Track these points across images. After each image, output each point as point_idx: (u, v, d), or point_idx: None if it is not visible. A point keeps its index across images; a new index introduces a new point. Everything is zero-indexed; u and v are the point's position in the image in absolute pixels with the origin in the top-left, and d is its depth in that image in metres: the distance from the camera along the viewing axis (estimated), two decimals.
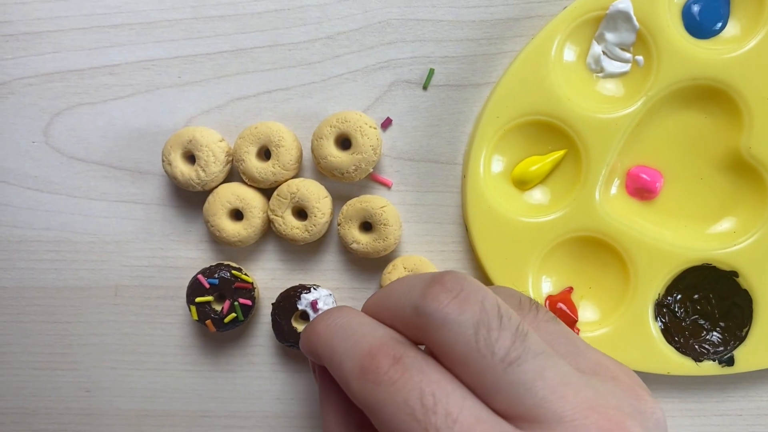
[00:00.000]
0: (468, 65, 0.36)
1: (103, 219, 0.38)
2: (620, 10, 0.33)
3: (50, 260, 0.38)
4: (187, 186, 0.36)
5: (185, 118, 0.37)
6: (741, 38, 0.34)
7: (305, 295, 0.35)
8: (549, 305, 0.36)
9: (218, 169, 0.35)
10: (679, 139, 0.35)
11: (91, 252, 0.38)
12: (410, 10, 0.36)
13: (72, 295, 0.38)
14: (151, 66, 0.37)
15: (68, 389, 0.38)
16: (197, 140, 0.35)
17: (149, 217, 0.38)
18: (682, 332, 0.36)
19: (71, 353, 0.38)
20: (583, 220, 0.35)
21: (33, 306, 0.38)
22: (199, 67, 0.37)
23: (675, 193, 0.36)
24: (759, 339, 0.35)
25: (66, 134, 0.37)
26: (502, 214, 0.35)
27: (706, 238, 0.35)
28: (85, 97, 0.37)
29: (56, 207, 0.38)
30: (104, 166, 0.38)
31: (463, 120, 0.36)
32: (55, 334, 0.38)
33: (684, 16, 0.34)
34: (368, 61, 0.36)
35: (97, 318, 0.38)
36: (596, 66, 0.35)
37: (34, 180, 0.38)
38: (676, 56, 0.33)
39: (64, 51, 0.37)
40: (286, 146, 0.35)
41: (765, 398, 0.37)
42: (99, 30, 0.37)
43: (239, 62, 0.37)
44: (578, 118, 0.34)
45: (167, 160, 0.35)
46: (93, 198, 0.38)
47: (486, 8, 0.36)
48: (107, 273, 0.38)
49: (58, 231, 0.38)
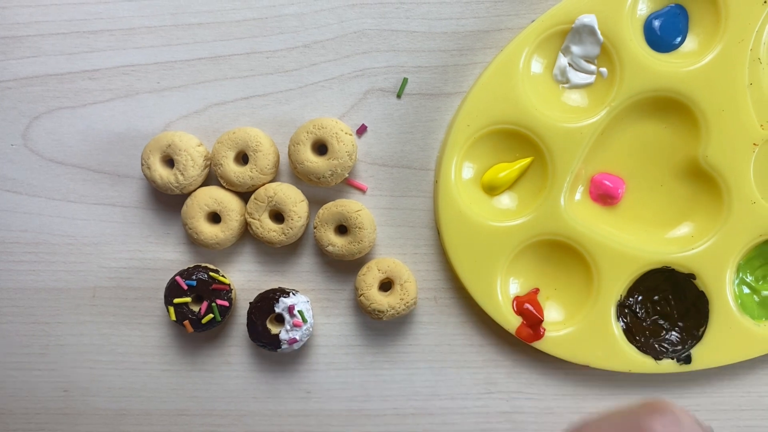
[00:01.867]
0: (440, 75, 0.37)
1: (81, 221, 0.38)
2: (585, 24, 0.35)
3: (28, 262, 0.38)
4: (166, 189, 0.36)
5: (164, 122, 0.38)
6: (698, 53, 0.35)
7: (284, 299, 0.36)
8: (516, 306, 0.37)
9: (196, 173, 0.36)
10: (641, 148, 0.37)
11: (70, 254, 0.38)
12: (385, 21, 0.37)
13: (50, 297, 0.38)
14: (130, 71, 0.38)
15: (46, 389, 0.39)
16: (176, 144, 0.36)
17: (127, 219, 0.38)
18: (643, 332, 0.37)
19: (49, 354, 0.39)
20: (548, 224, 0.36)
21: (10, 307, 0.39)
22: (178, 73, 0.37)
23: (636, 199, 0.37)
24: (714, 338, 0.36)
25: (45, 137, 0.38)
26: (472, 218, 0.36)
27: (666, 242, 0.37)
28: (65, 101, 0.38)
29: (35, 209, 0.38)
30: (83, 169, 0.38)
31: (435, 127, 0.38)
32: (32, 334, 0.39)
33: (645, 31, 0.36)
34: (344, 69, 0.37)
35: (75, 319, 0.38)
36: (562, 77, 0.36)
37: (12, 182, 0.38)
38: (638, 69, 0.35)
39: (43, 55, 0.38)
40: (263, 151, 0.36)
41: (720, 394, 0.39)
42: (79, 35, 0.37)
43: (218, 69, 0.37)
44: (545, 127, 0.35)
45: (146, 164, 0.36)
46: (71, 200, 0.38)
47: (457, 20, 0.37)
48: (85, 275, 0.38)
49: (36, 233, 0.38)
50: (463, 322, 0.38)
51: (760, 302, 0.37)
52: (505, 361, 0.38)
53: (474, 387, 0.38)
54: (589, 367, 0.37)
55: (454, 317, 0.38)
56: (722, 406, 0.39)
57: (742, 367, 0.38)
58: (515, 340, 0.38)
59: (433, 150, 0.38)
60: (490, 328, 0.38)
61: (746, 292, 0.37)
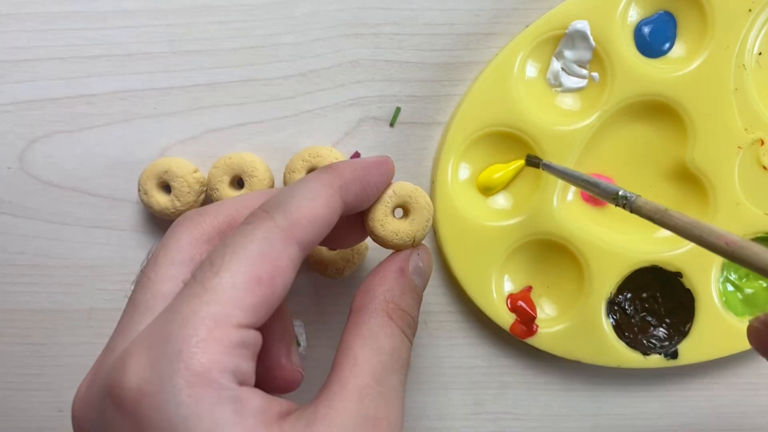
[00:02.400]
0: (432, 104, 0.38)
1: (78, 244, 0.39)
2: (578, 29, 0.36)
3: (24, 283, 0.39)
4: (163, 215, 0.37)
5: (160, 147, 0.38)
6: (686, 59, 0.37)
7: None
8: (510, 303, 0.38)
9: (193, 199, 0.37)
10: (631, 151, 0.38)
11: (66, 276, 0.39)
12: (379, 52, 0.38)
13: (46, 318, 0.39)
14: (127, 96, 0.38)
15: (41, 409, 0.39)
16: (173, 171, 0.36)
17: (124, 243, 0.39)
18: (632, 328, 0.38)
19: (44, 374, 0.39)
20: (542, 224, 0.37)
21: (6, 328, 0.39)
22: (175, 99, 0.38)
23: None
24: (700, 334, 0.38)
25: (42, 161, 0.38)
26: (467, 218, 0.37)
27: (654, 241, 0.38)
28: (62, 125, 0.38)
29: (31, 232, 0.39)
30: (80, 192, 0.39)
31: (427, 156, 0.39)
32: (28, 355, 0.39)
33: (636, 37, 0.37)
34: (338, 98, 0.38)
35: (70, 340, 0.39)
36: (555, 81, 0.37)
37: (8, 205, 0.39)
38: (629, 74, 0.36)
39: (41, 80, 0.38)
40: (258, 177, 0.37)
41: (705, 388, 0.40)
42: (77, 60, 0.38)
43: (214, 95, 0.38)
44: (538, 129, 0.36)
45: (143, 190, 0.37)
46: (68, 223, 0.39)
47: (450, 52, 0.38)
48: (81, 296, 0.39)
49: (32, 255, 0.39)
50: (452, 345, 0.39)
51: (744, 300, 0.39)
52: (493, 383, 0.39)
53: (462, 408, 0.39)
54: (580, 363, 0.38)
55: (444, 340, 0.39)
56: (707, 400, 0.40)
57: (727, 361, 0.39)
58: (504, 361, 0.39)
59: (425, 178, 0.39)
60: (479, 350, 0.39)
61: (730, 289, 0.39)
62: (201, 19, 0.37)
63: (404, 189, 0.30)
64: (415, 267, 0.30)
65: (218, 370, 0.21)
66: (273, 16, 0.37)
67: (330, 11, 0.37)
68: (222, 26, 0.37)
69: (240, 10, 0.37)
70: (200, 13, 0.37)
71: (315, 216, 0.25)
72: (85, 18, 0.37)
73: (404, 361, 0.27)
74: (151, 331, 0.23)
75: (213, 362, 0.21)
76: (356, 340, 0.27)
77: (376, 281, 0.29)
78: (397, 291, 0.29)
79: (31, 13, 0.37)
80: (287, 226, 0.24)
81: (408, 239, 0.31)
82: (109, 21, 0.37)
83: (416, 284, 0.30)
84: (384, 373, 0.26)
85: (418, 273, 0.30)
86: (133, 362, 0.22)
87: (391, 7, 0.37)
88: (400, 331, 0.28)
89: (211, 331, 0.21)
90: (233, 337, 0.22)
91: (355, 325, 0.27)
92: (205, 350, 0.21)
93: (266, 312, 0.23)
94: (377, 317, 0.27)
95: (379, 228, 0.30)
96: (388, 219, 0.30)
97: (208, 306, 0.22)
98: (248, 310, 0.22)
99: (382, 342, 0.27)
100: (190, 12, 0.37)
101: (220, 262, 0.23)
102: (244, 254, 0.23)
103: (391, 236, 0.30)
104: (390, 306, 0.28)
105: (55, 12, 0.37)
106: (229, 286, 0.22)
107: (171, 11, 0.37)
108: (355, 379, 0.25)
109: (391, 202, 0.30)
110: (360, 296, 0.29)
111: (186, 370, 0.21)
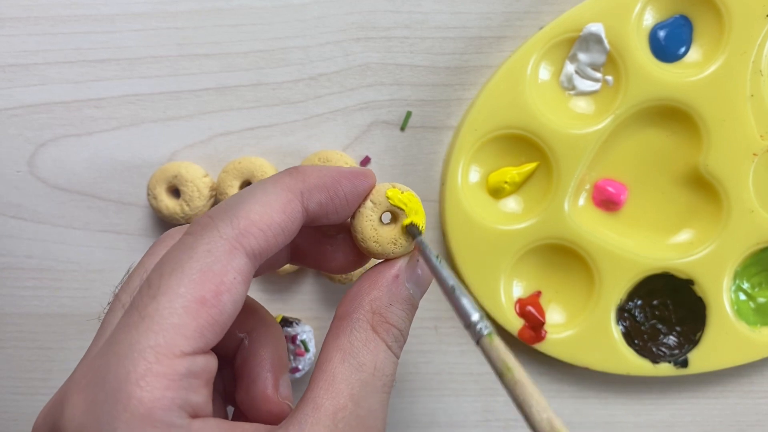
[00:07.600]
0: (443, 108, 0.38)
1: (86, 248, 0.39)
2: (593, 32, 0.35)
3: (32, 287, 0.39)
4: (172, 219, 0.37)
5: (169, 151, 0.38)
6: (702, 63, 0.36)
7: (287, 328, 0.36)
8: (519, 308, 0.38)
9: (202, 204, 0.37)
10: (644, 155, 0.37)
11: (74, 280, 0.39)
12: (389, 55, 0.37)
13: (54, 322, 0.39)
14: (136, 100, 0.38)
15: None
16: (182, 176, 0.36)
17: (132, 247, 0.39)
18: (642, 335, 0.38)
19: (52, 378, 0.39)
20: (552, 228, 0.37)
21: (14, 332, 0.39)
22: (184, 103, 0.38)
23: (638, 205, 0.38)
24: (711, 343, 0.37)
25: (51, 165, 0.38)
26: (477, 221, 0.37)
27: (666, 248, 0.38)
28: (71, 129, 0.38)
29: (39, 236, 0.38)
30: (88, 196, 0.38)
31: (437, 160, 0.38)
32: (36, 359, 0.39)
33: (651, 41, 0.36)
34: (348, 102, 0.38)
35: (79, 344, 0.39)
36: (569, 84, 0.37)
37: (17, 209, 0.38)
38: (643, 78, 0.36)
39: (50, 83, 0.38)
40: None
41: (715, 398, 0.39)
42: (85, 64, 0.38)
43: (223, 99, 0.38)
44: (551, 132, 0.36)
45: (152, 194, 0.37)
46: (76, 227, 0.38)
47: (461, 55, 0.37)
48: (89, 301, 0.39)
49: (40, 259, 0.39)
50: (462, 351, 0.39)
51: (756, 309, 0.38)
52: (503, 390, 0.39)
53: (472, 415, 0.39)
54: (588, 369, 0.38)
55: (454, 346, 0.39)
56: (718, 410, 0.40)
57: (742, 369, 0.39)
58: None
59: (435, 182, 0.38)
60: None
61: (742, 298, 0.38)
62: (210, 22, 0.37)
63: (379, 194, 0.26)
64: (412, 275, 0.26)
65: (162, 408, 0.19)
66: (283, 19, 0.37)
67: (340, 15, 0.37)
68: (231, 30, 0.37)
69: (249, 13, 0.37)
70: (209, 17, 0.37)
71: (268, 223, 0.22)
72: (93, 21, 0.37)
73: (387, 378, 0.24)
74: (89, 367, 0.21)
75: (155, 400, 0.19)
76: (335, 353, 0.24)
77: (365, 287, 0.25)
78: (385, 300, 0.25)
79: (40, 16, 0.37)
80: (234, 235, 0.22)
81: (407, 243, 0.27)
82: (118, 24, 0.37)
83: (410, 294, 0.26)
84: (363, 392, 0.23)
85: (415, 282, 0.26)
86: (70, 406, 0.20)
87: (402, 11, 0.37)
88: (384, 347, 0.25)
89: (151, 365, 0.19)
90: (178, 368, 0.20)
91: (336, 336, 0.24)
92: (146, 387, 0.19)
93: (216, 334, 0.21)
94: (360, 330, 0.24)
95: (373, 246, 0.26)
96: (379, 232, 0.26)
97: (146, 336, 0.20)
98: (193, 335, 0.20)
99: (363, 358, 0.24)
100: (199, 15, 0.37)
101: (158, 283, 0.21)
102: (183, 272, 0.21)
103: (390, 248, 0.26)
104: (375, 318, 0.25)
105: (63, 15, 0.37)
106: (168, 312, 0.20)
107: (180, 14, 0.37)
108: (330, 401, 0.22)
109: (374, 214, 0.26)
110: (346, 302, 0.25)
111: (125, 412, 0.19)
